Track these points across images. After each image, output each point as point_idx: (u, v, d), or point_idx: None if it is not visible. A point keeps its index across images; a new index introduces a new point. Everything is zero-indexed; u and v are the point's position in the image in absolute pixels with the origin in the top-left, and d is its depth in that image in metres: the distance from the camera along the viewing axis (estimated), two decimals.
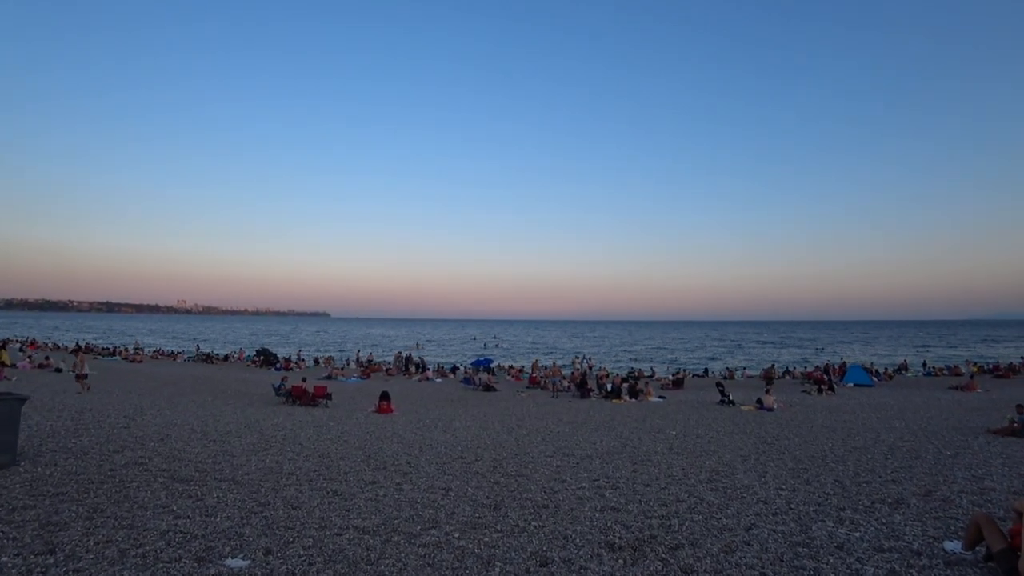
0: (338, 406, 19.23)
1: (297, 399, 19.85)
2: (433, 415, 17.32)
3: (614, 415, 17.63)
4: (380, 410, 17.88)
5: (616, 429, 14.51)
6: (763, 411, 18.73)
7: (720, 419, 16.67)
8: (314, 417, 15.90)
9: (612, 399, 21.73)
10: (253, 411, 16.68)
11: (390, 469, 9.00)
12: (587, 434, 13.58)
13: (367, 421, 15.42)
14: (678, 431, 14.09)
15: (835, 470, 9.27)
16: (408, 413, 17.72)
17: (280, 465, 9.01)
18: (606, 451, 11.14)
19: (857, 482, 8.34)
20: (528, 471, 9.04)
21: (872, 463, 9.89)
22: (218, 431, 12.41)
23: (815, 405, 20.40)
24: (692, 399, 22.64)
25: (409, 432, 13.50)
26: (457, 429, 14.32)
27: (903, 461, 10.09)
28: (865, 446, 11.83)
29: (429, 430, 13.94)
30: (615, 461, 9.99)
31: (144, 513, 6.16)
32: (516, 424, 15.42)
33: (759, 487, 7.95)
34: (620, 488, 7.88)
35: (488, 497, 7.35)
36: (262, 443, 11.09)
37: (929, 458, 10.44)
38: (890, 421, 16.03)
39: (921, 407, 19.30)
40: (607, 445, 11.90)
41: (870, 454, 10.84)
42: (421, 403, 20.77)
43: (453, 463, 9.66)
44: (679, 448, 11.53)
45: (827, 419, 16.53)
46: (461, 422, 15.69)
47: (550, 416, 17.31)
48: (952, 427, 14.71)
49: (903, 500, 7.22)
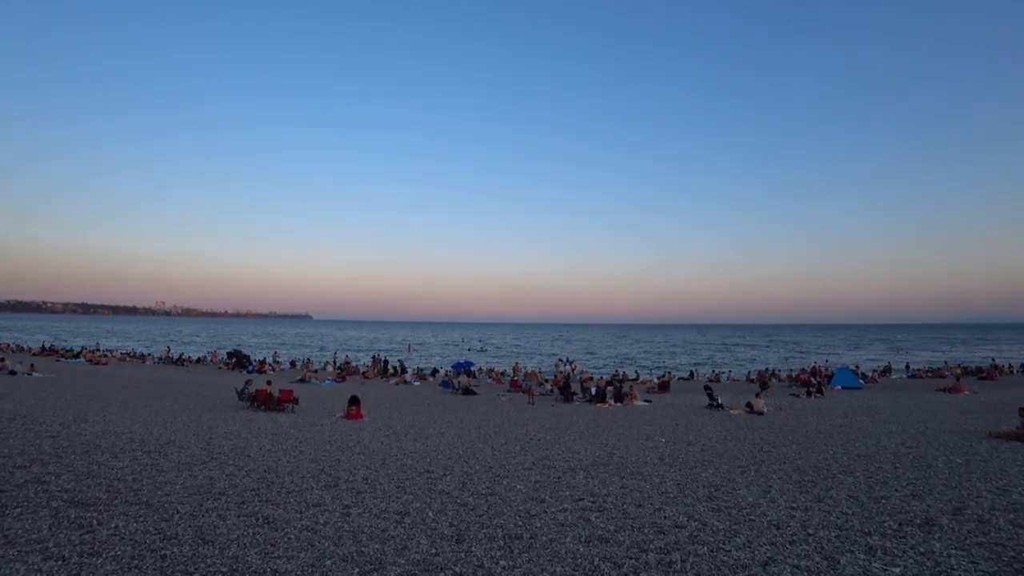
0: (306, 411, 17.96)
1: (262, 404, 18.53)
2: (406, 421, 16.13)
3: (598, 420, 16.61)
4: (349, 416, 16.64)
5: (601, 436, 13.47)
6: (753, 415, 17.96)
7: (710, 424, 15.77)
8: (276, 424, 14.61)
9: (596, 403, 20.71)
10: (209, 417, 15.32)
11: (342, 487, 7.78)
12: (570, 442, 12.52)
13: (332, 428, 14.18)
14: (667, 438, 13.11)
15: (845, 483, 8.32)
16: (379, 419, 16.51)
17: (213, 483, 7.75)
18: (591, 462, 10.07)
19: (874, 497, 7.37)
20: (502, 488, 7.90)
21: (882, 473, 8.99)
22: (159, 440, 11.09)
23: (805, 408, 19.67)
24: (679, 403, 21.77)
25: (376, 441, 12.31)
26: (429, 437, 13.17)
27: (915, 471, 9.22)
28: (868, 453, 10.97)
29: (398, 438, 12.76)
30: (601, 474, 8.91)
31: (3, 552, 4.89)
32: (494, 431, 14.30)
33: (766, 506, 6.91)
34: (608, 510, 6.77)
35: (451, 524, 6.18)
36: (204, 455, 9.81)
37: (941, 467, 9.60)
38: (886, 425, 15.33)
39: (913, 410, 18.74)
40: (592, 455, 10.84)
41: (876, 463, 9.96)
42: (395, 408, 19.54)
43: (417, 479, 8.47)
44: (671, 458, 10.51)
45: (820, 423, 15.76)
46: (435, 429, 14.54)
47: (531, 422, 16.22)
48: (951, 431, 14.09)
49: (933, 520, 6.26)
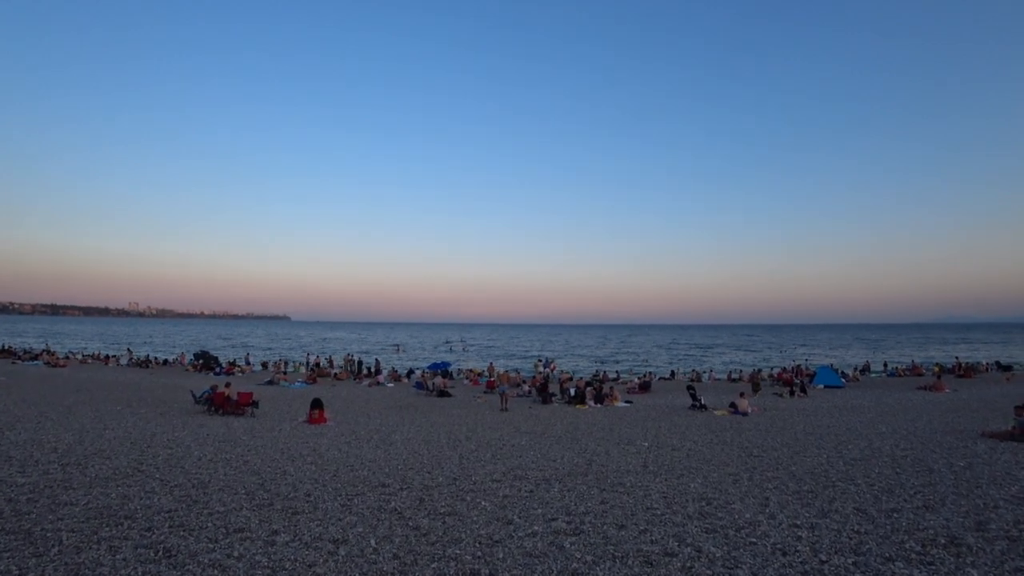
0: (267, 415, 16.73)
1: (219, 408, 17.21)
2: (373, 425, 15.02)
3: (577, 423, 15.70)
4: (311, 420, 15.48)
5: (580, 440, 12.55)
6: (737, 416, 17.25)
7: (694, 426, 14.98)
8: (229, 430, 13.39)
9: (576, 404, 19.82)
10: (159, 423, 14.01)
11: (277, 506, 6.68)
12: (547, 447, 11.57)
13: (290, 434, 13.01)
14: (650, 442, 12.24)
15: (848, 492, 7.51)
16: (344, 423, 15.37)
17: (124, 503, 6.59)
18: (568, 471, 9.12)
19: (884, 510, 6.55)
20: (464, 506, 6.89)
21: (884, 480, 8.23)
22: (87, 451, 9.84)
23: (790, 408, 19.06)
24: (661, 403, 21.01)
25: (334, 448, 11.20)
26: (395, 443, 12.11)
27: (918, 476, 8.48)
28: (864, 457, 10.25)
29: (359, 445, 11.66)
30: (579, 486, 7.95)
31: None
32: (466, 435, 13.29)
33: (767, 524, 6.01)
34: (585, 533, 5.78)
35: (395, 556, 5.11)
36: (130, 467, 8.61)
37: (944, 471, 8.89)
38: (874, 425, 14.73)
39: (898, 409, 18.24)
40: (569, 462, 9.90)
41: (875, 468, 9.21)
42: (364, 411, 18.38)
43: (368, 495, 7.40)
44: (655, 465, 9.62)
45: (808, 424, 15.09)
46: (402, 434, 13.47)
47: (506, 425, 15.24)
48: (942, 431, 13.54)
49: (958, 539, 5.44)
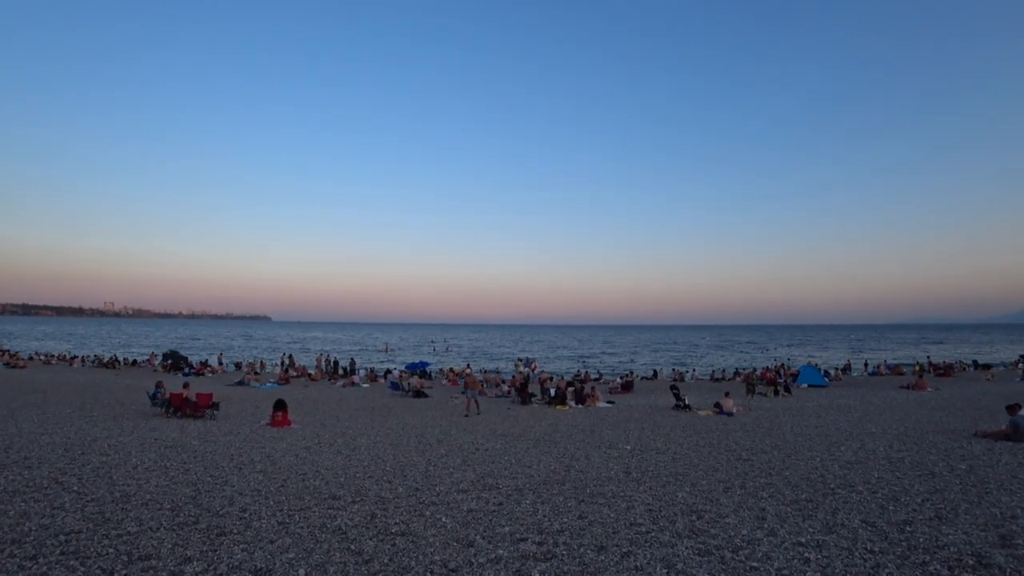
0: (229, 418, 15.69)
1: (178, 410, 16.10)
2: (340, 428, 14.08)
3: (557, 424, 14.93)
4: (274, 423, 14.48)
5: (559, 443, 11.78)
6: (723, 416, 16.68)
7: (678, 427, 14.32)
8: (183, 434, 12.34)
9: (556, 405, 19.06)
10: (107, 427, 12.90)
11: (202, 525, 5.74)
12: (522, 451, 10.76)
13: (248, 438, 12.01)
14: (633, 445, 11.51)
15: (850, 501, 6.83)
16: (310, 426, 14.40)
17: (21, 522, 5.59)
18: (543, 478, 8.31)
19: (894, 523, 5.86)
20: (421, 523, 6.00)
21: (886, 486, 7.59)
22: (9, 459, 8.78)
23: (775, 408, 18.55)
24: (643, 403, 20.37)
25: (290, 454, 10.25)
26: (360, 447, 11.20)
27: (921, 481, 7.86)
28: (859, 460, 9.64)
29: (320, 450, 10.73)
30: (554, 497, 7.14)
31: None
32: (437, 439, 12.42)
33: (767, 543, 5.24)
34: (558, 558, 4.94)
35: None
36: (49, 478, 7.58)
37: (946, 474, 8.30)
38: (863, 425, 14.25)
39: (884, 408, 17.86)
40: (546, 468, 9.10)
41: (874, 472, 8.59)
42: (333, 413, 17.39)
43: (313, 509, 6.49)
44: (638, 471, 8.87)
45: (795, 424, 14.54)
46: (370, 437, 12.56)
47: (481, 427, 14.40)
48: (932, 430, 13.11)
49: (987, 559, 4.73)
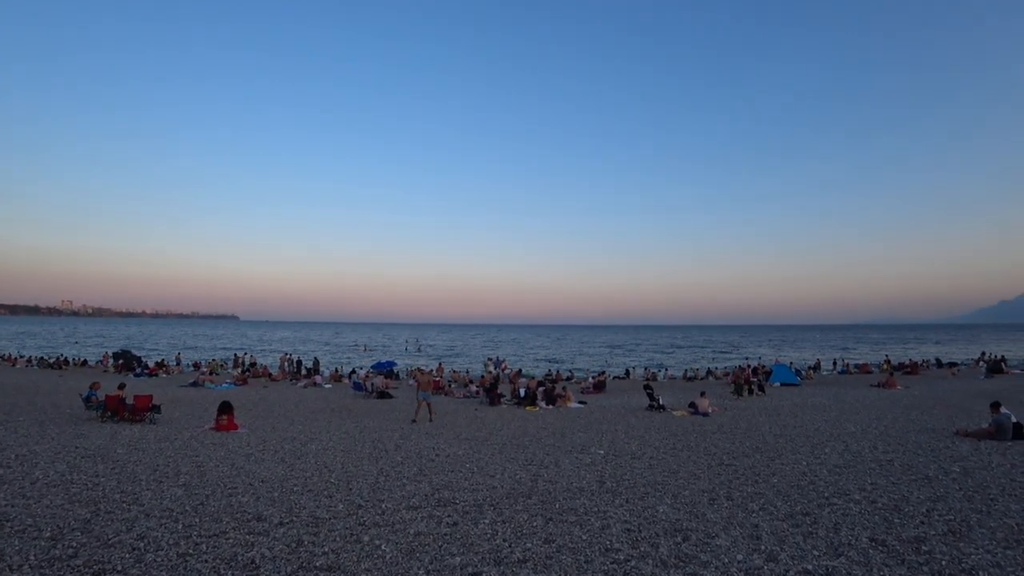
0: (173, 421, 14.37)
1: (114, 413, 14.68)
2: (292, 432, 12.92)
3: (526, 427, 14.06)
4: (218, 427, 13.23)
5: (527, 448, 10.89)
6: (698, 416, 16.09)
7: (654, 429, 13.62)
8: (113, 440, 11.05)
9: (526, 406, 18.20)
10: (29, 432, 11.52)
11: (81, 558, 4.58)
12: (487, 458, 9.84)
13: (184, 445, 10.78)
14: (606, 449, 10.71)
15: (849, 512, 6.12)
16: (259, 430, 13.21)
17: None
18: (507, 491, 7.40)
19: (905, 540, 5.14)
20: (355, 553, 4.97)
21: (883, 493, 6.95)
22: None
23: (750, 408, 18.08)
24: (616, 404, 19.68)
25: (226, 463, 9.10)
26: (308, 454, 10.12)
27: (919, 488, 7.25)
28: (846, 463, 9.04)
29: (261, 458, 9.60)
30: (518, 515, 6.21)
31: None
32: (395, 444, 11.41)
33: (768, 572, 4.42)
34: None
35: None
36: None
37: (943, 479, 7.74)
38: (841, 425, 13.83)
39: (859, 407, 17.60)
40: (511, 478, 8.20)
41: (867, 477, 7.97)
42: (288, 415, 16.14)
43: (230, 535, 5.39)
44: (613, 479, 8.04)
45: (773, 425, 14.03)
46: (321, 443, 11.46)
47: (446, 431, 13.43)
48: (914, 430, 12.80)
49: None
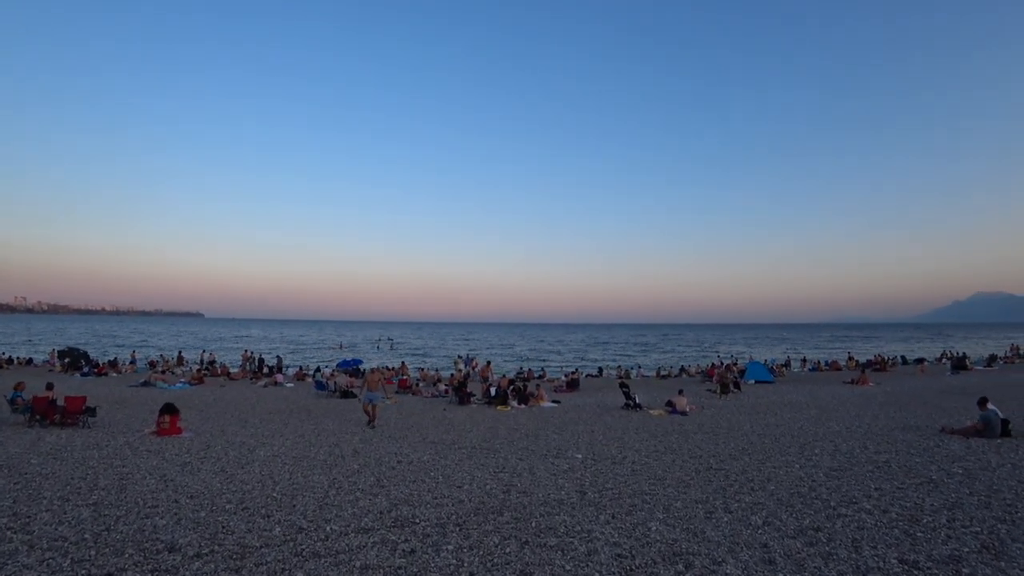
0: (112, 425, 13.08)
1: (43, 416, 13.23)
2: (242, 436, 11.73)
3: (497, 428, 13.16)
4: (160, 431, 11.96)
5: (498, 452, 9.99)
6: (676, 415, 15.49)
7: (632, 429, 12.91)
8: (32, 448, 9.78)
9: (496, 406, 17.30)
10: None
11: None
12: (453, 464, 8.90)
13: (114, 453, 9.51)
14: (584, 453, 9.89)
15: (865, 526, 5.41)
16: (205, 434, 11.99)
17: None
18: (476, 505, 6.48)
19: (940, 561, 4.42)
20: None
21: (895, 502, 6.30)
22: None
23: (728, 406, 17.60)
24: (591, 403, 18.96)
25: (155, 474, 7.93)
26: (254, 462, 9.01)
27: (928, 493, 6.64)
28: (841, 466, 8.45)
29: (201, 468, 8.44)
30: (487, 537, 5.28)
31: None
32: (354, 449, 10.37)
33: None
34: None
35: None
36: None
37: (949, 483, 7.18)
38: (824, 423, 13.42)
39: (836, 404, 17.34)
40: (480, 488, 7.28)
41: (869, 481, 7.35)
42: (243, 417, 14.84)
43: (127, 573, 4.34)
44: (595, 489, 7.20)
45: (754, 424, 13.51)
46: (272, 447, 10.34)
47: (411, 433, 12.42)
48: (899, 427, 12.47)
49: None
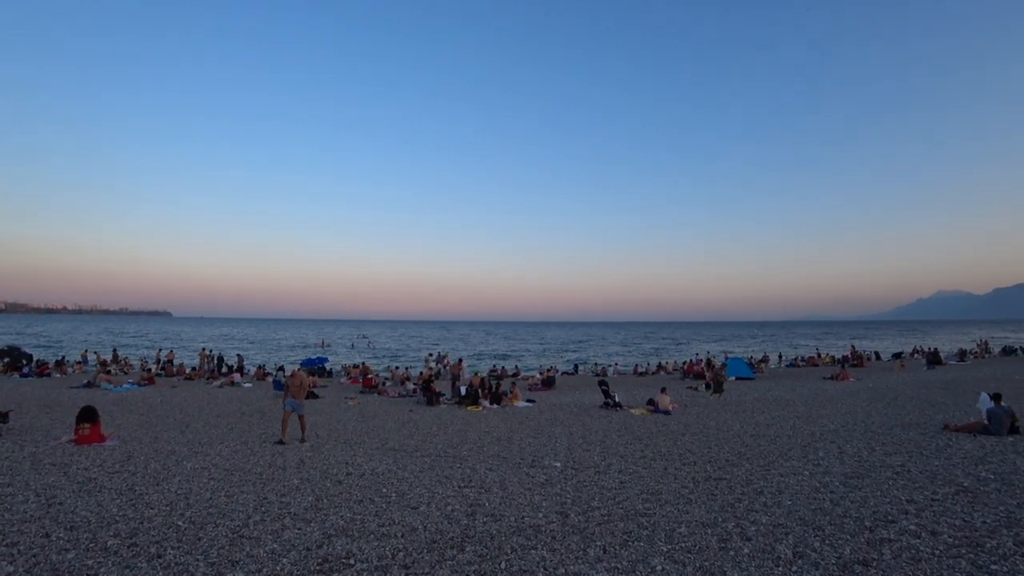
0: (30, 431, 11.55)
1: None
2: (177, 443, 10.25)
3: (466, 431, 11.91)
4: (79, 439, 10.40)
5: (465, 461, 8.75)
6: (659, 415, 14.53)
7: (614, 431, 11.83)
8: None
9: (467, 406, 16.04)
10: None
11: None
12: (412, 477, 7.61)
13: (12, 467, 7.96)
14: (563, 461, 8.72)
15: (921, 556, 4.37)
16: (134, 441, 10.49)
17: None
18: (431, 536, 5.20)
19: None
20: None
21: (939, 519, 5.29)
22: None
23: (711, 404, 16.73)
24: (568, 402, 17.87)
25: (43, 496, 6.46)
26: (176, 476, 7.61)
27: (972, 506, 5.66)
28: (855, 472, 7.48)
29: (108, 486, 6.98)
30: None
31: None
32: (300, 458, 8.99)
33: None
34: None
35: None
36: None
37: (986, 491, 6.28)
38: (816, 421, 12.65)
39: (822, 400, 16.66)
40: (439, 510, 6.02)
41: (896, 491, 6.34)
42: (185, 420, 13.21)
43: None
44: (578, 510, 5.99)
45: (743, 424, 12.59)
46: (203, 458, 8.89)
47: (369, 438, 11.08)
48: (896, 425, 11.65)
49: None
